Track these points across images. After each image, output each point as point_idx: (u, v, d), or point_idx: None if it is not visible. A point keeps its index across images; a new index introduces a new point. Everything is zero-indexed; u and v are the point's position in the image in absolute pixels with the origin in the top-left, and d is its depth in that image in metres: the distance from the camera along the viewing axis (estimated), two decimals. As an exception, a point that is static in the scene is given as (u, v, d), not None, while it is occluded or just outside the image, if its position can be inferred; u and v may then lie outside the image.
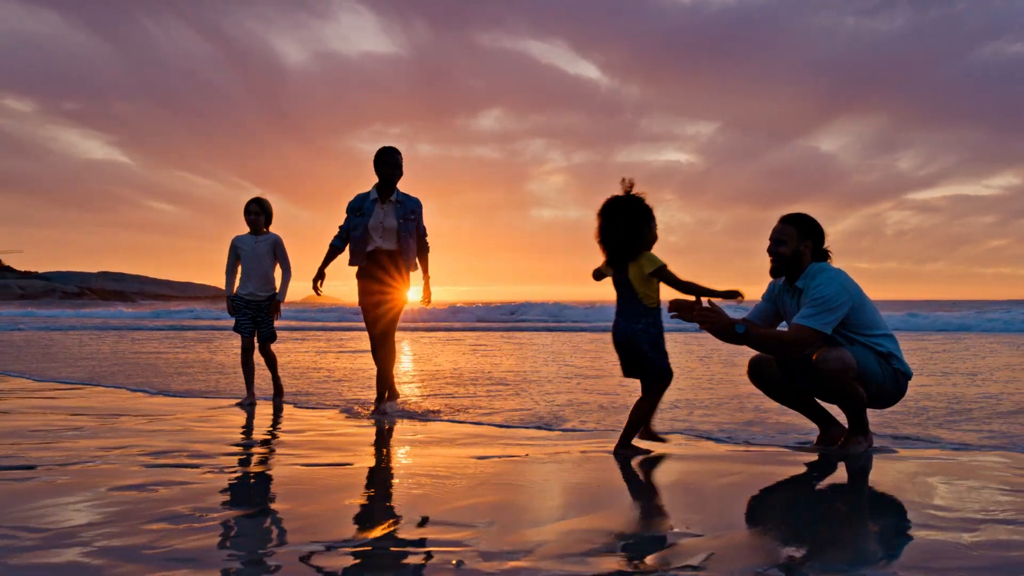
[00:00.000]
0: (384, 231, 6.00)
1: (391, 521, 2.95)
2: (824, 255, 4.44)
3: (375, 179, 6.06)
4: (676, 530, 2.81)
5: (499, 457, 4.22)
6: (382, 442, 4.80)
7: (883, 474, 3.90)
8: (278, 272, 6.75)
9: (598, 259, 4.34)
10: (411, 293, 6.17)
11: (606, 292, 4.39)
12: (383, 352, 6.12)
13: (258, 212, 6.72)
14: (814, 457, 4.30)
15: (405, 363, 10.92)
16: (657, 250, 4.23)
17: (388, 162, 6.01)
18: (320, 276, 6.15)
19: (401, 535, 2.77)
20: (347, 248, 6.15)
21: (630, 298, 4.23)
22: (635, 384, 4.37)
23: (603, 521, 2.93)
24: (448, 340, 17.46)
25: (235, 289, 6.72)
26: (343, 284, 6.67)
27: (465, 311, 35.46)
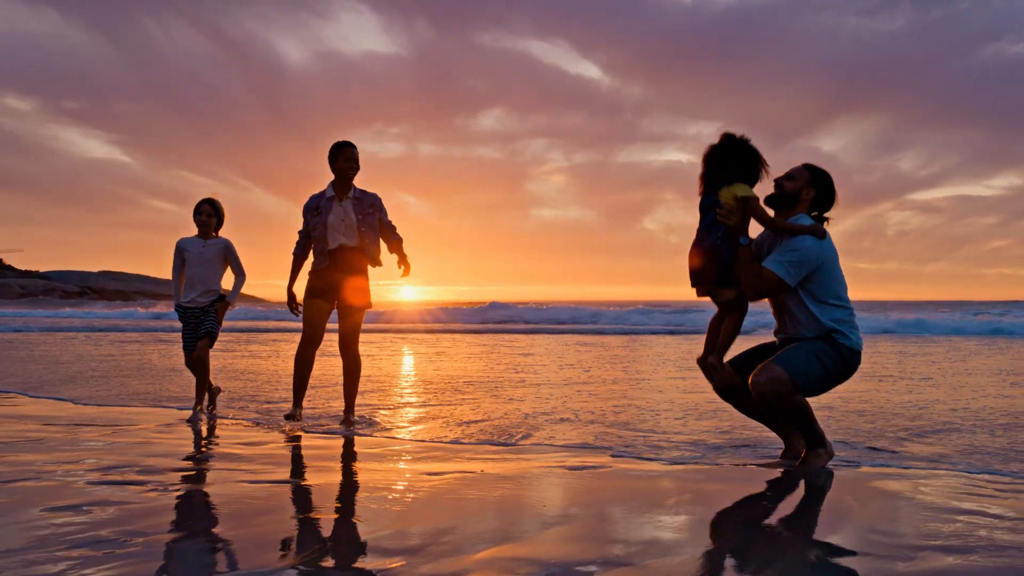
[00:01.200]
0: (346, 228, 5.89)
1: (319, 547, 2.89)
2: (822, 218, 4.45)
3: (374, 182, 6.01)
4: (607, 556, 2.75)
5: (451, 474, 4.17)
6: (333, 458, 4.73)
7: (835, 493, 3.85)
8: (228, 280, 6.44)
9: (599, 261, 4.41)
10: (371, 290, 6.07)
11: (600, 294, 4.35)
12: (349, 364, 6.02)
13: (210, 214, 6.35)
14: (775, 474, 4.25)
15: (371, 368, 10.86)
16: (659, 248, 4.31)
17: (346, 156, 5.88)
18: (293, 298, 6.02)
19: (327, 563, 2.71)
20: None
21: (709, 216, 4.34)
22: (604, 393, 4.31)
23: (534, 548, 2.87)
24: (419, 342, 17.39)
25: (180, 299, 6.34)
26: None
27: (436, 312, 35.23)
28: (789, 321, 4.45)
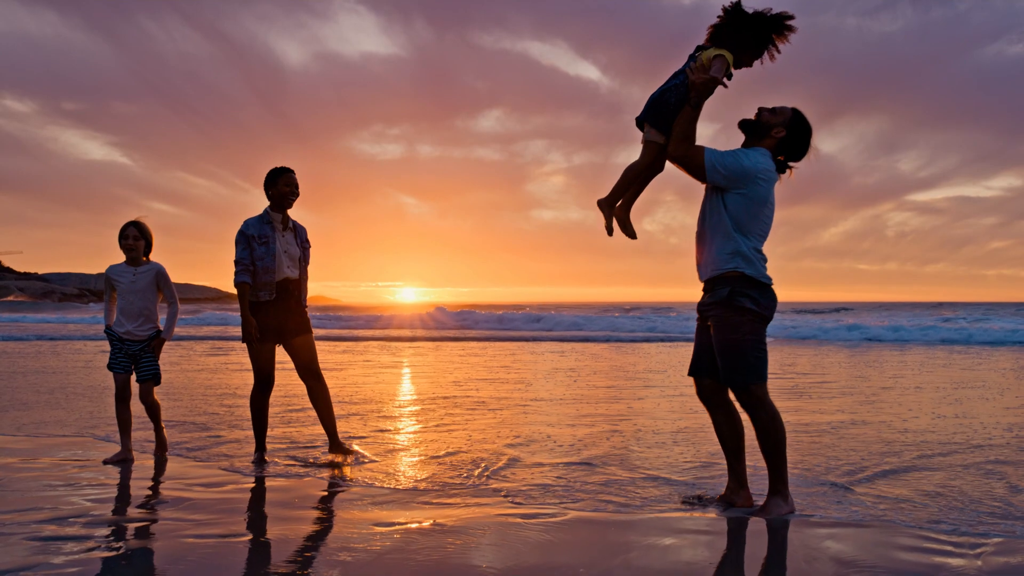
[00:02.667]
0: (289, 259, 5.77)
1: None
2: (786, 164, 4.41)
3: (374, 183, 5.95)
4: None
5: (400, 527, 4.09)
6: (283, 504, 4.65)
7: (775, 550, 3.78)
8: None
9: (599, 262, 4.48)
10: None
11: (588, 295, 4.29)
12: (319, 386, 5.90)
13: (137, 237, 5.83)
14: (722, 525, 4.16)
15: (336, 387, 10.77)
16: (659, 249, 4.32)
17: (286, 182, 5.70)
18: (251, 325, 5.69)
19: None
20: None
21: (684, 66, 4.29)
22: (573, 417, 4.23)
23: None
24: (376, 351, 17.31)
25: (111, 322, 5.88)
26: (343, 284, 6.18)
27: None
28: (699, 253, 4.46)
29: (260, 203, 5.92)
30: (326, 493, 4.85)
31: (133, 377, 5.88)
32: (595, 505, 4.55)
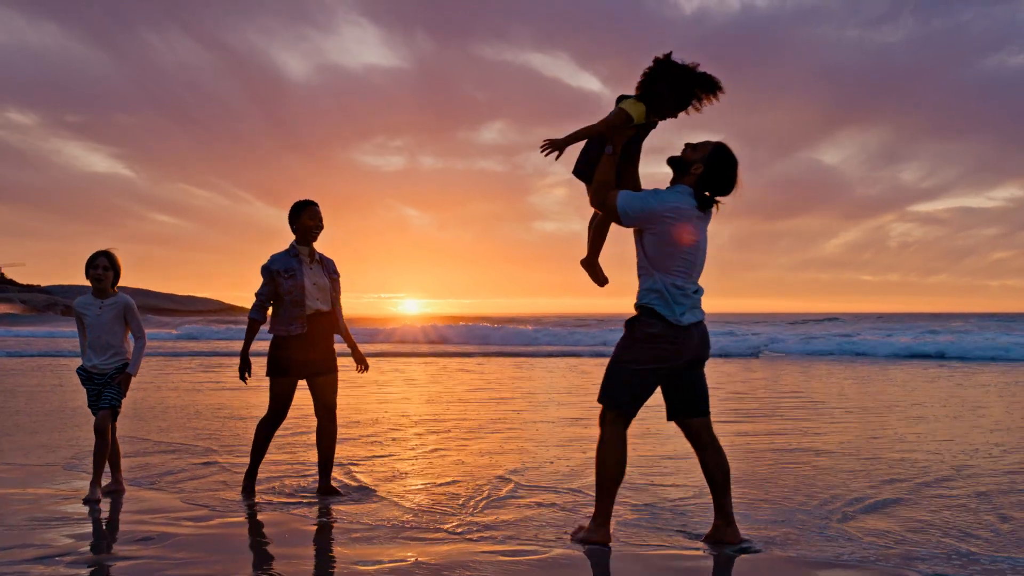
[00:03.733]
0: (319, 292, 5.70)
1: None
2: (712, 200, 4.41)
3: (376, 195, 5.94)
4: None
5: (384, 565, 4.11)
6: (266, 542, 4.67)
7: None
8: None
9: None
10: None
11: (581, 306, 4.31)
12: (332, 427, 5.82)
13: (107, 267, 5.69)
14: (708, 563, 4.17)
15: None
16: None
17: (310, 215, 5.68)
18: (247, 365, 5.73)
19: None
20: (268, 318, 5.79)
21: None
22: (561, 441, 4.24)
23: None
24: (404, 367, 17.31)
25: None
26: (345, 295, 6.07)
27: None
28: None
29: (262, 214, 6.00)
30: (312, 529, 4.86)
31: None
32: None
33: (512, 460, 7.01)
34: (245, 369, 5.74)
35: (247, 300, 6.01)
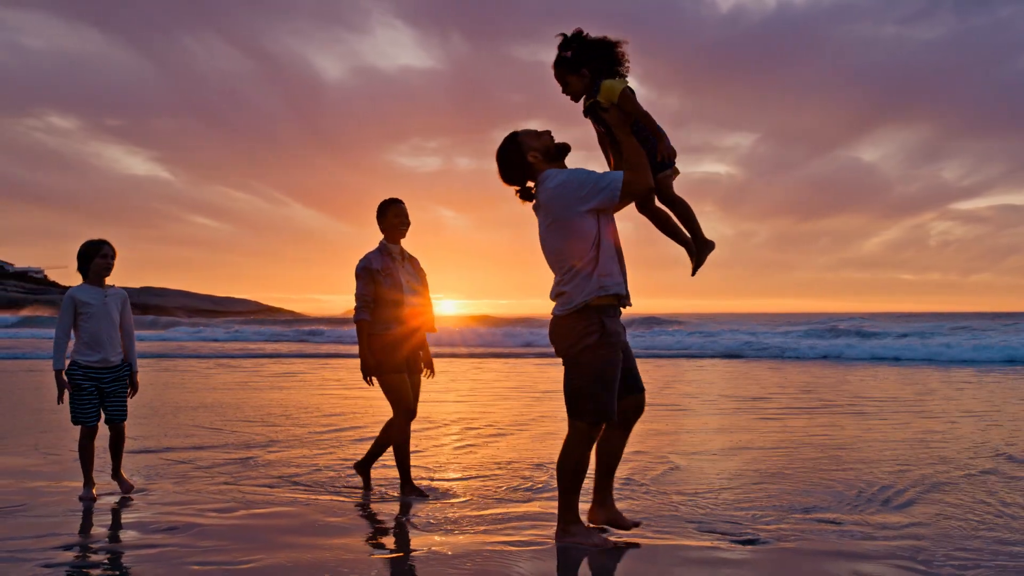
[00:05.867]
0: (413, 289, 5.73)
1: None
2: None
3: (411, 196, 5.76)
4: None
5: (399, 554, 4.23)
6: (293, 531, 4.81)
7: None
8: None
9: (637, 273, 4.51)
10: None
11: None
12: (408, 426, 5.72)
13: (113, 255, 5.59)
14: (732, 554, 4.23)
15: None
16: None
17: (395, 212, 5.71)
18: (369, 367, 5.62)
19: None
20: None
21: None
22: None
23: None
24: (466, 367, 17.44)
25: (67, 360, 5.48)
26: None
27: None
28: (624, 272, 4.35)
29: (299, 215, 5.96)
30: (335, 520, 4.99)
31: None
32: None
33: (544, 454, 7.11)
34: (369, 371, 5.66)
35: (285, 301, 5.97)
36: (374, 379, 5.66)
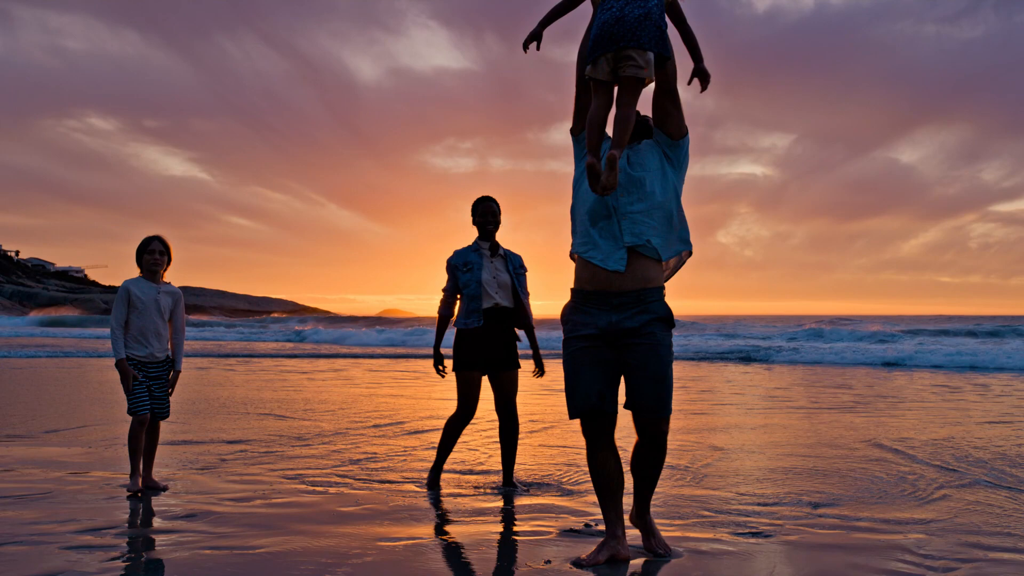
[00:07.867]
0: (499, 286, 5.68)
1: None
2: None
3: (446, 197, 5.82)
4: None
5: (402, 542, 4.32)
6: (303, 519, 4.92)
7: None
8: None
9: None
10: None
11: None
12: (511, 424, 5.74)
13: (162, 252, 5.60)
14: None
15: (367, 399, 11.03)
16: (733, 262, 4.33)
17: (481, 211, 5.73)
18: (439, 359, 5.78)
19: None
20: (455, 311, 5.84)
21: None
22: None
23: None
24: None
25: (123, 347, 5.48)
26: (417, 296, 5.90)
27: None
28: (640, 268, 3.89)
29: (336, 216, 5.98)
30: (347, 510, 5.09)
31: None
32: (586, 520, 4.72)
33: (567, 453, 7.17)
34: (439, 363, 5.78)
35: (321, 302, 5.96)
36: (448, 373, 5.72)
